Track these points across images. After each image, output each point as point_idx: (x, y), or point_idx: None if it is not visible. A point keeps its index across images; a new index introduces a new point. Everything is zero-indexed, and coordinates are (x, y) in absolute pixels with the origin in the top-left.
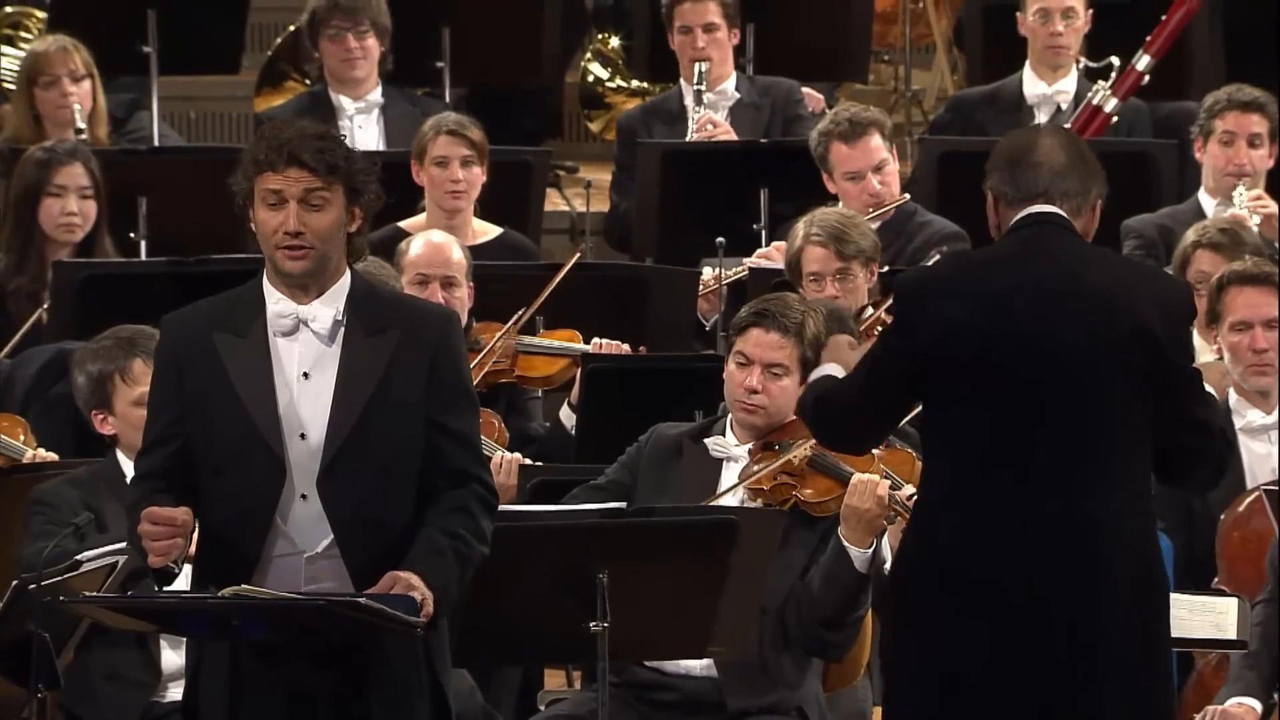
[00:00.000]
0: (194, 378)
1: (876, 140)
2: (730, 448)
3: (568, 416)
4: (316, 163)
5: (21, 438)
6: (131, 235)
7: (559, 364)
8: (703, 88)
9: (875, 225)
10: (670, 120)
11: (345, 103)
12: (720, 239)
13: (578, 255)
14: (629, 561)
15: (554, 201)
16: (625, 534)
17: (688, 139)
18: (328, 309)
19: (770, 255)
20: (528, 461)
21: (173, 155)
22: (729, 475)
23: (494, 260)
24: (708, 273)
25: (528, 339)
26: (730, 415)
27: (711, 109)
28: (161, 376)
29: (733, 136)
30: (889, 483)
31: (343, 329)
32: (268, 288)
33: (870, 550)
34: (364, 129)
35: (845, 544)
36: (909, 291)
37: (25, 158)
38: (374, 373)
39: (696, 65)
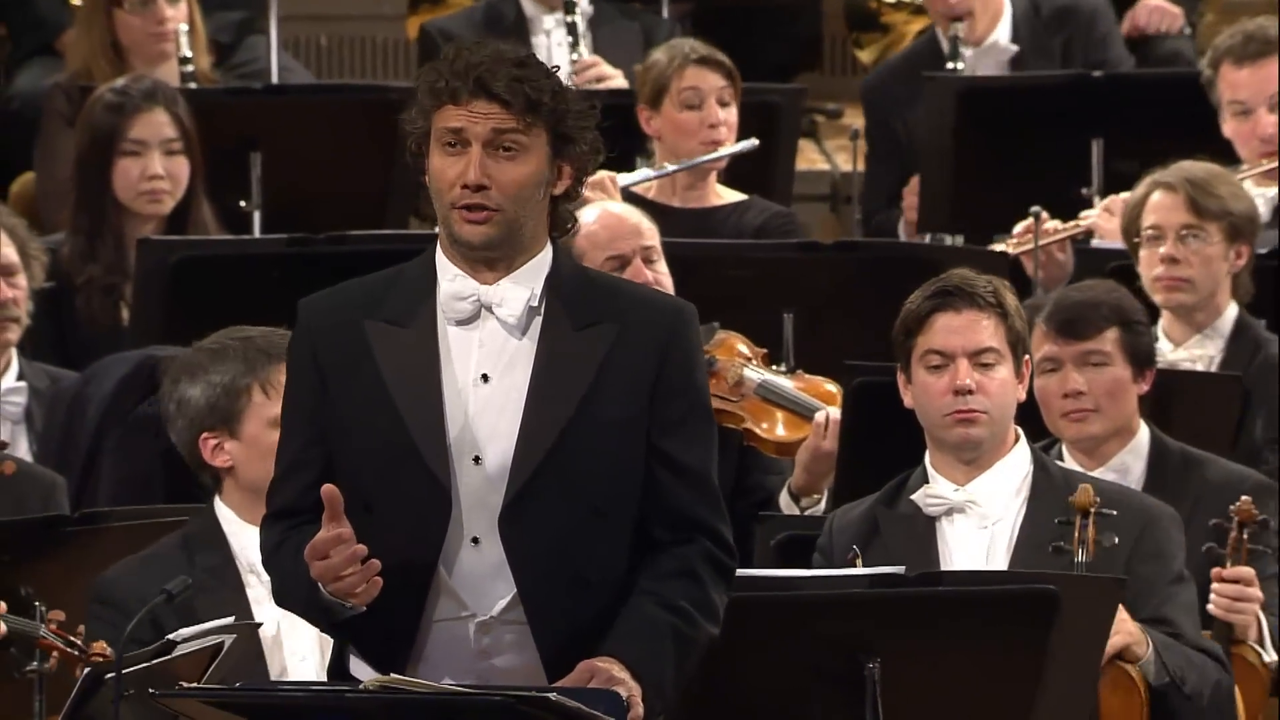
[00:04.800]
0: (339, 380)
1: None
2: (948, 494)
3: (788, 505)
4: (511, 94)
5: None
6: (241, 204)
7: (804, 429)
8: (959, 34)
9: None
10: (920, 82)
11: (540, 14)
12: (1036, 207)
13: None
14: (908, 646)
15: (809, 157)
16: (904, 609)
17: None
18: (520, 290)
19: (1113, 208)
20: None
21: (297, 96)
22: (956, 533)
23: (736, 233)
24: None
25: (775, 382)
26: (929, 456)
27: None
28: (298, 380)
29: None
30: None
31: (540, 318)
32: (441, 262)
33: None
34: (564, 48)
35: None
36: None
37: (90, 103)
38: (581, 378)
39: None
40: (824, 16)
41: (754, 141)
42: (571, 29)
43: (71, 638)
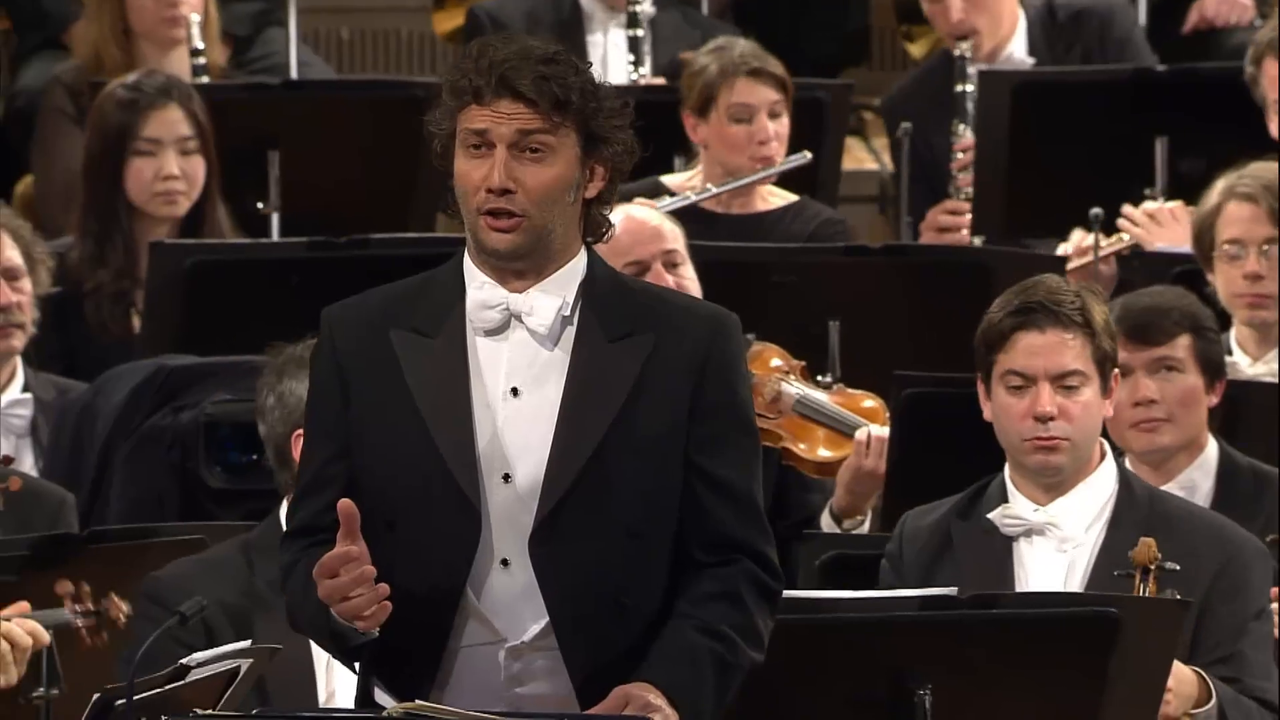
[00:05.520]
0: (364, 393)
1: None
2: (1028, 515)
3: (829, 526)
4: (538, 92)
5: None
6: (260, 206)
7: (845, 448)
8: (965, 54)
9: None
10: (945, 103)
11: (599, 11)
12: (1096, 210)
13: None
14: (962, 672)
15: (856, 156)
16: (956, 633)
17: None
18: (550, 299)
19: (1162, 219)
20: None
21: (317, 92)
22: (1034, 555)
23: (785, 239)
24: (1076, 240)
25: (815, 397)
26: (1009, 472)
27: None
28: (321, 392)
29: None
30: None
31: (572, 328)
32: (469, 269)
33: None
34: (621, 48)
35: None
36: None
37: (101, 100)
38: (616, 391)
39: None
40: (872, 8)
41: (806, 156)
42: (634, 45)
43: (91, 606)
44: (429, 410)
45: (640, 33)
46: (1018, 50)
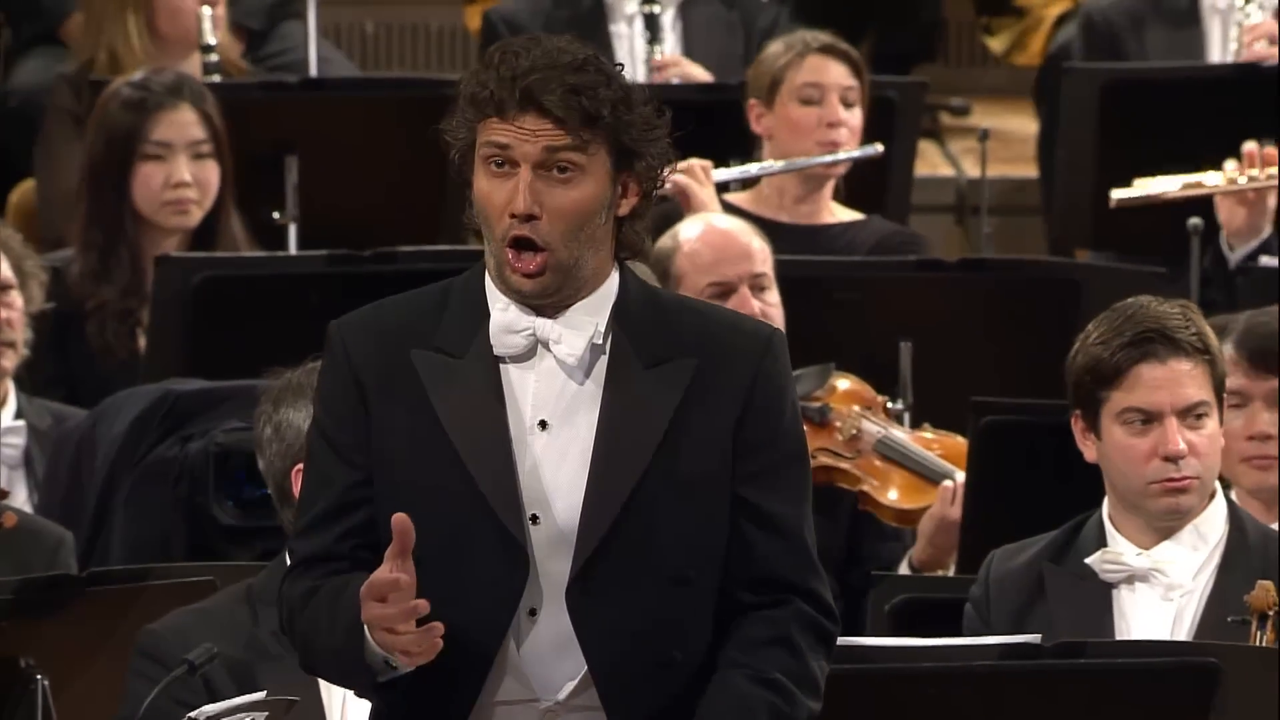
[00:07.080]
0: (382, 415)
1: None
2: (1130, 560)
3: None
4: (566, 109)
5: None
6: (275, 215)
7: (927, 495)
8: None
9: None
10: (1176, 20)
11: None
12: (1195, 220)
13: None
14: None
15: (931, 161)
16: (1040, 685)
17: (1217, 57)
18: (580, 326)
19: None
20: None
21: (339, 91)
22: (1137, 604)
23: (846, 252)
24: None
25: (897, 438)
26: (1108, 511)
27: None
28: (336, 413)
29: None
30: None
31: (605, 356)
32: (491, 287)
33: None
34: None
35: None
36: None
37: (105, 99)
38: (653, 425)
39: None
40: (948, 1)
41: (878, 147)
42: (651, 21)
43: None
44: (462, 441)
45: (657, 9)
46: None
